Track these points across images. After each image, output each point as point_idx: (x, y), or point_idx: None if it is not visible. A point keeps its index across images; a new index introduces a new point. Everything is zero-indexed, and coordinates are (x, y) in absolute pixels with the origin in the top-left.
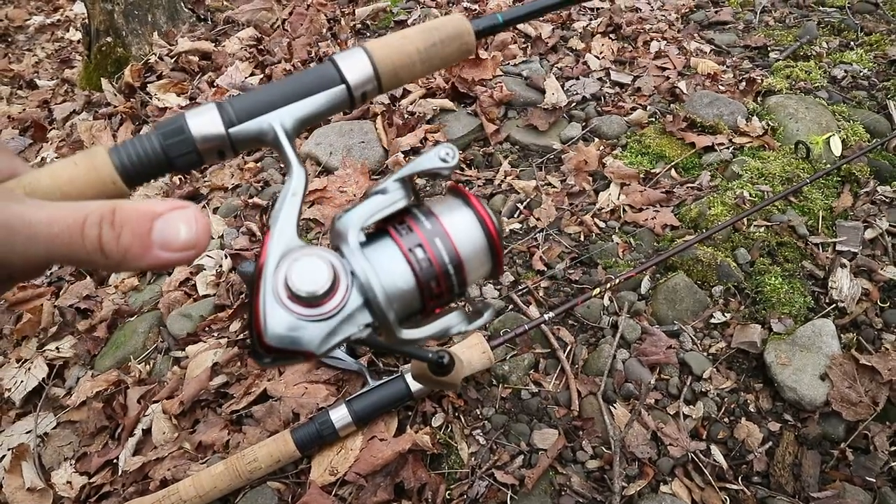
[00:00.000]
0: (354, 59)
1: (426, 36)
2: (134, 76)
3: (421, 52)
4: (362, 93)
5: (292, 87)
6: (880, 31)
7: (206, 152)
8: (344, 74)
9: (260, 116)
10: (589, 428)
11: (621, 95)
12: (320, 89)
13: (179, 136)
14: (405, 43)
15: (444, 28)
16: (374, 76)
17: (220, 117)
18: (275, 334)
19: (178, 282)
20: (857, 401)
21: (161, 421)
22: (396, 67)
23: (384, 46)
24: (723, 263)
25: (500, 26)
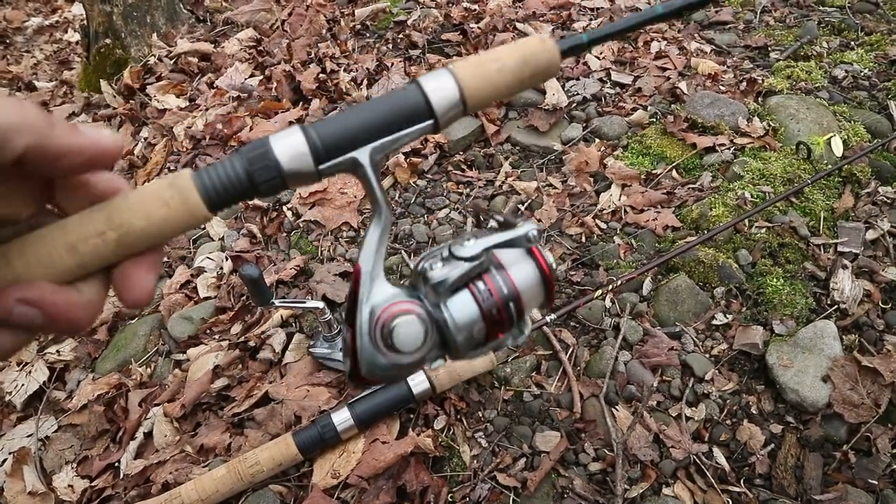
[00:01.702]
0: (442, 86)
1: (516, 58)
2: (133, 78)
3: (508, 75)
4: (447, 119)
5: (381, 119)
6: (881, 31)
7: (291, 179)
8: (432, 105)
9: (348, 153)
10: (591, 430)
11: (622, 96)
12: (409, 123)
13: (265, 161)
14: (494, 67)
15: (532, 50)
16: (461, 101)
17: (309, 149)
18: (371, 371)
19: (179, 284)
20: (858, 403)
21: (162, 424)
22: (483, 92)
23: (474, 74)
24: (724, 265)
25: (585, 46)
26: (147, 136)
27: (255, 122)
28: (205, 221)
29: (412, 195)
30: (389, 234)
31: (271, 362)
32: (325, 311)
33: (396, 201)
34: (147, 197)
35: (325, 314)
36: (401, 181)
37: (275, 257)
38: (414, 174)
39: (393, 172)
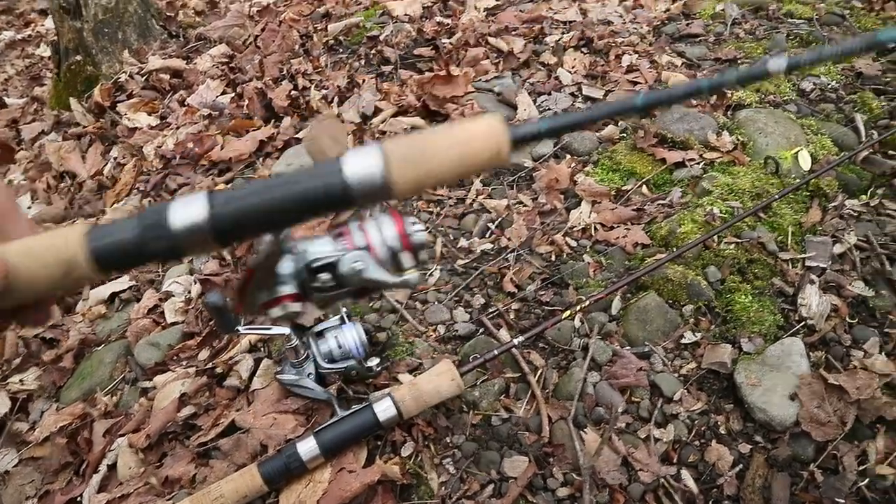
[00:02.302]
0: (366, 172)
1: (459, 149)
2: (104, 95)
3: (447, 166)
4: (370, 204)
5: (293, 203)
6: None
7: (188, 250)
8: (352, 192)
9: (251, 237)
10: (559, 454)
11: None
12: (324, 208)
13: (159, 231)
14: (427, 152)
15: (479, 140)
16: (386, 190)
17: (210, 227)
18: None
19: (147, 309)
20: (825, 420)
21: (127, 455)
22: (414, 184)
23: (405, 159)
24: (693, 282)
25: (542, 135)
26: (117, 156)
27: (227, 141)
28: (94, 283)
29: None
30: None
31: (238, 389)
32: (291, 337)
33: None
34: (33, 252)
35: (291, 340)
36: None
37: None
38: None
39: None
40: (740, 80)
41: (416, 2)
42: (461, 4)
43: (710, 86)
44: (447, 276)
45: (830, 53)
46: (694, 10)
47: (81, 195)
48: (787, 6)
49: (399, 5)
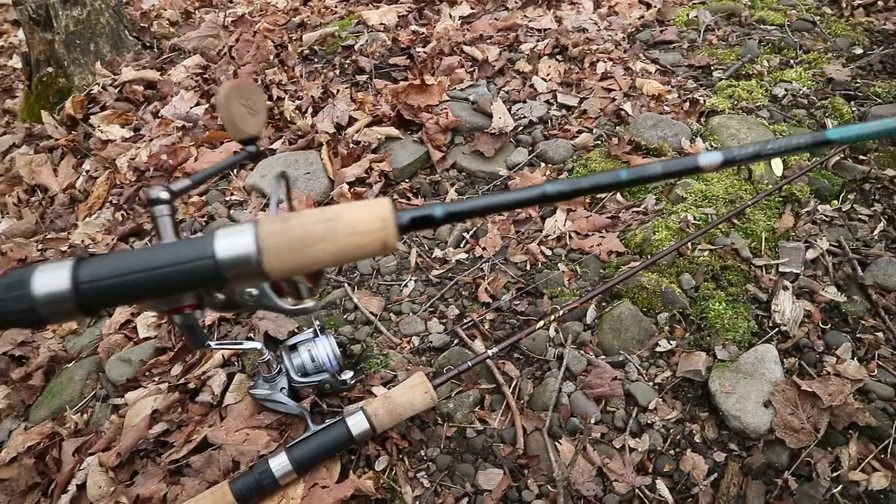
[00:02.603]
0: (238, 248)
1: (333, 234)
2: (76, 107)
3: (322, 251)
4: (243, 281)
5: (163, 281)
6: (818, 50)
7: (48, 318)
8: (222, 271)
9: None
10: (534, 466)
11: (567, 118)
12: (192, 284)
13: (19, 292)
14: (305, 240)
15: (359, 225)
16: (258, 269)
17: (72, 296)
18: None
19: (119, 324)
20: (799, 427)
21: (97, 474)
22: (286, 266)
23: (280, 241)
24: (667, 290)
25: (437, 220)
26: (89, 169)
27: (201, 153)
28: None
29: None
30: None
31: (211, 405)
32: (263, 352)
33: None
34: None
35: (263, 354)
36: None
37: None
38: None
39: (338, 202)
40: (666, 174)
41: (391, 11)
42: (436, 13)
43: (630, 178)
44: (422, 287)
45: (772, 150)
46: (668, 17)
47: (53, 209)
48: (759, 13)
49: (374, 14)
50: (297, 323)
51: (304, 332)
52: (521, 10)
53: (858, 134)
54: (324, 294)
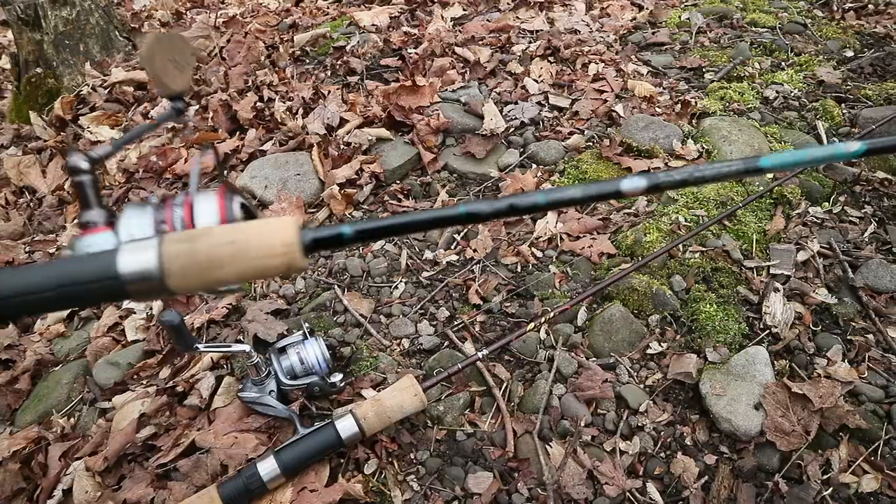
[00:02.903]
0: (140, 262)
1: (238, 252)
2: (65, 108)
3: (227, 269)
4: (146, 297)
5: (64, 292)
6: (809, 52)
7: None
8: (125, 286)
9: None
10: (525, 469)
11: (559, 119)
12: (97, 298)
13: None
14: (212, 259)
15: (264, 243)
16: (162, 286)
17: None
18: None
19: (107, 327)
20: (790, 430)
21: (83, 479)
22: (191, 283)
23: (182, 268)
24: (658, 291)
25: (346, 240)
26: None
27: (191, 154)
28: None
29: None
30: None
31: (199, 408)
32: (252, 354)
33: None
34: None
35: (251, 357)
36: (336, 213)
37: (207, 296)
38: (350, 205)
39: (328, 204)
40: (586, 197)
41: (383, 12)
42: (428, 14)
43: (548, 202)
44: (412, 289)
45: (700, 176)
46: (660, 19)
47: (41, 211)
48: (750, 15)
49: (366, 15)
50: (287, 325)
51: (294, 334)
52: (514, 11)
53: (789, 162)
54: (314, 296)
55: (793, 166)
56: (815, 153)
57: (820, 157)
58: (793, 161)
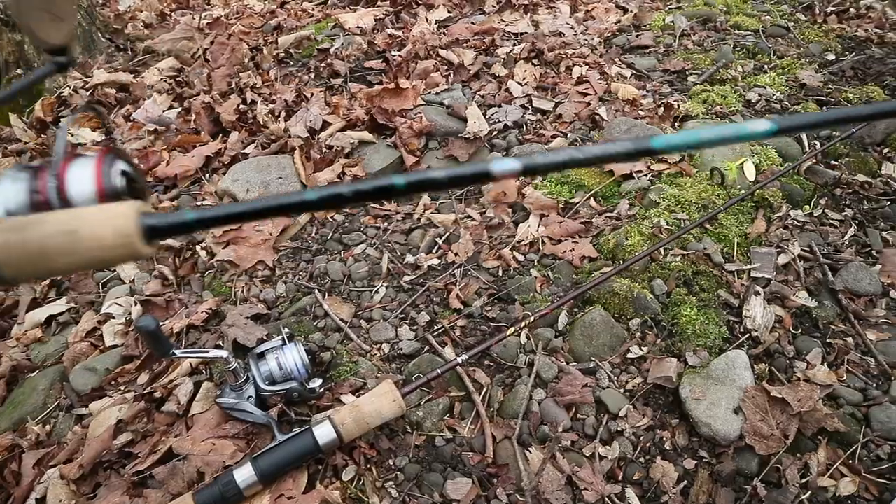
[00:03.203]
0: None
1: (70, 239)
2: (46, 110)
3: (62, 256)
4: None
5: None
6: (791, 55)
7: None
8: None
9: None
10: (504, 475)
11: (543, 122)
12: None
13: None
14: (45, 248)
15: (100, 230)
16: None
17: None
18: None
19: (85, 332)
20: (768, 434)
21: (57, 487)
22: (25, 272)
23: (9, 246)
24: (639, 295)
25: (190, 226)
26: None
27: (173, 157)
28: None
29: (329, 231)
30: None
31: (177, 414)
32: (230, 360)
33: (313, 237)
34: None
35: (229, 363)
36: (318, 216)
37: (187, 300)
38: (331, 209)
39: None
40: (452, 179)
41: (368, 14)
42: (413, 17)
43: (408, 183)
44: (393, 293)
45: (587, 157)
46: (644, 22)
47: None
48: (734, 18)
49: (351, 17)
50: (267, 330)
51: (273, 339)
52: (498, 14)
53: (685, 142)
54: (294, 300)
55: (689, 147)
56: (718, 132)
57: (725, 137)
58: (689, 141)
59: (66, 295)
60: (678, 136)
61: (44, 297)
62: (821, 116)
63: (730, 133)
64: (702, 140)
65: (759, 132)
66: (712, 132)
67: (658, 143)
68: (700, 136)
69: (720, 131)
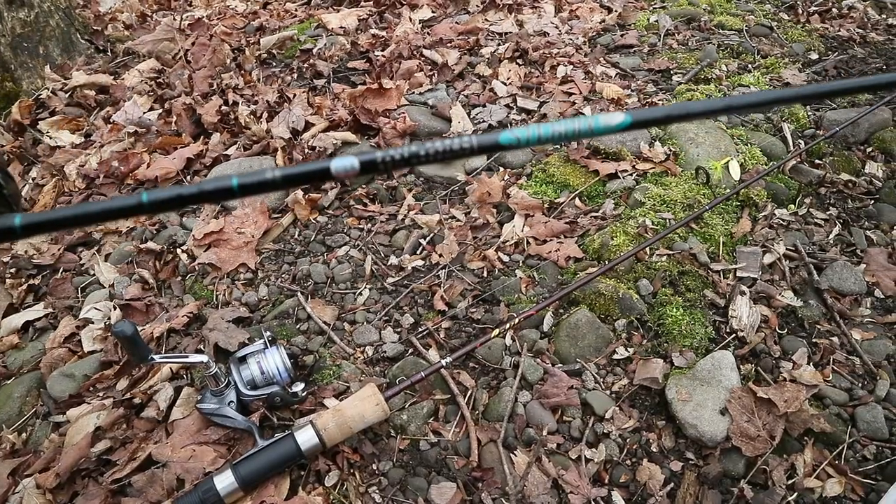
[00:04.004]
0: None
1: None
2: (23, 112)
3: None
4: None
5: None
6: (775, 55)
7: None
8: None
9: None
10: (489, 479)
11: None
12: None
13: None
14: None
15: None
16: None
17: None
18: None
19: (63, 337)
20: (755, 435)
21: (33, 497)
22: None
23: None
24: (625, 296)
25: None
26: (36, 177)
27: (153, 159)
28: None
29: (312, 232)
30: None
31: (157, 420)
32: (210, 365)
33: (296, 239)
34: None
35: (210, 368)
36: (300, 218)
37: (168, 304)
38: (314, 210)
39: (292, 209)
40: (288, 179)
41: (351, 14)
42: (397, 17)
43: (240, 185)
44: (377, 296)
45: (425, 154)
46: (628, 21)
47: None
48: (718, 18)
49: (334, 18)
50: (249, 334)
51: (255, 343)
52: (483, 13)
53: (536, 136)
54: (276, 303)
55: (540, 141)
56: (570, 126)
57: (578, 131)
58: (539, 135)
59: (44, 300)
60: (527, 129)
61: (21, 303)
62: (673, 109)
63: (582, 126)
64: (553, 134)
65: (614, 125)
66: (564, 125)
67: (505, 139)
68: (552, 129)
69: (572, 125)
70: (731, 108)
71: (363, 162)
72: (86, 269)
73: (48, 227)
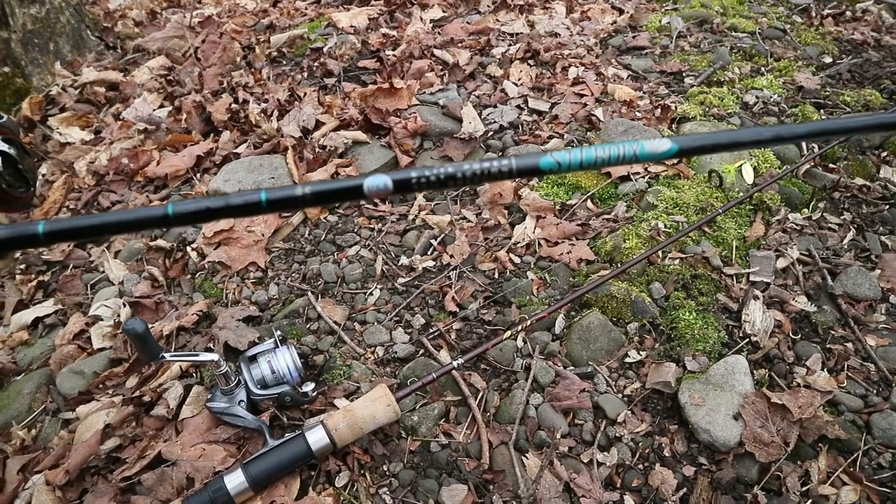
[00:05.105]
0: None
1: None
2: (33, 109)
3: None
4: None
5: None
6: (788, 58)
7: None
8: None
9: None
10: (500, 481)
11: (538, 123)
12: None
13: None
14: None
15: None
16: None
17: None
18: None
19: (73, 334)
20: (769, 441)
21: (43, 494)
22: None
23: None
24: (637, 299)
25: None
26: (45, 173)
27: (163, 156)
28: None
29: (322, 232)
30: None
31: (167, 418)
32: (220, 364)
33: (306, 238)
34: None
35: (220, 366)
36: (311, 217)
37: (177, 302)
38: (325, 209)
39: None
40: (316, 197)
41: (361, 13)
42: (407, 16)
43: (312, 193)
44: (387, 296)
45: (467, 174)
46: (640, 23)
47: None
48: (730, 20)
49: (345, 17)
50: (259, 333)
51: (265, 342)
52: (494, 14)
53: (573, 162)
54: (287, 302)
55: (582, 166)
56: (616, 151)
57: (622, 157)
58: (582, 160)
59: (54, 296)
60: (568, 154)
61: (30, 299)
62: (721, 138)
63: (627, 152)
64: (596, 159)
65: (659, 153)
66: (607, 150)
67: (546, 163)
68: (594, 154)
69: (616, 150)
70: (780, 137)
71: (396, 181)
72: (95, 265)
73: (71, 235)
